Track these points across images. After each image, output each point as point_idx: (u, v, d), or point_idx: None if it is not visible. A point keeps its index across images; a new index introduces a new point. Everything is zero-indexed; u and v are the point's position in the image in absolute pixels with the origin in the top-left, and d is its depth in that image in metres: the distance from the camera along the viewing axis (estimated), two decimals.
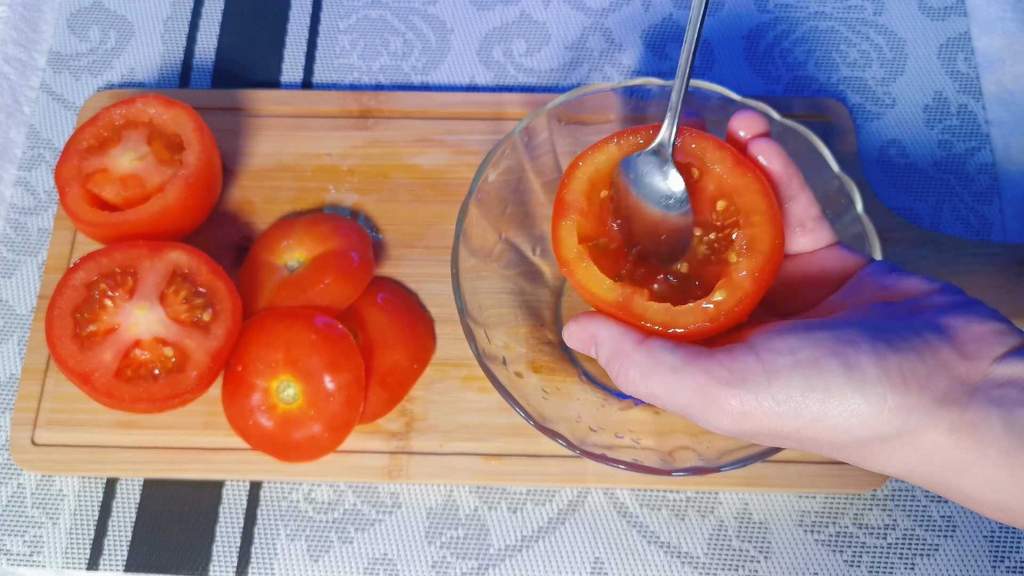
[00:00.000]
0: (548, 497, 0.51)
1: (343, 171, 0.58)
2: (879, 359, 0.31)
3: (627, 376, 0.34)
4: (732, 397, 0.31)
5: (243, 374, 0.49)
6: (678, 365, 0.33)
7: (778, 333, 0.32)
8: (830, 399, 0.31)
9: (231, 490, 0.51)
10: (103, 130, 0.54)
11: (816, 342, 0.31)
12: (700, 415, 0.32)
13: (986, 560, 0.49)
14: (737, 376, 0.31)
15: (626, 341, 0.35)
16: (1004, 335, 0.32)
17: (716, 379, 0.32)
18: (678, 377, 0.32)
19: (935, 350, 0.31)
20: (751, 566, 0.49)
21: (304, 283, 0.52)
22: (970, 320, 0.33)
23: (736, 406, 0.31)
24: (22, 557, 0.50)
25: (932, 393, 0.31)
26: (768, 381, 0.31)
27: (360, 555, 0.50)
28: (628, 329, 0.35)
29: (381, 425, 0.51)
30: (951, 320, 0.33)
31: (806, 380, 0.31)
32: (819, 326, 0.32)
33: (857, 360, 0.31)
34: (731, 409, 0.31)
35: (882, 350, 0.31)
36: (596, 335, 0.35)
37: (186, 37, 0.63)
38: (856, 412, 0.31)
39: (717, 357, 0.32)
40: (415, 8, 0.64)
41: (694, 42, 0.37)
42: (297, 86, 0.62)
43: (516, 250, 0.52)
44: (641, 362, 0.34)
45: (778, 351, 0.31)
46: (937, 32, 0.62)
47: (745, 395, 0.31)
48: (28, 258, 0.57)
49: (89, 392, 0.48)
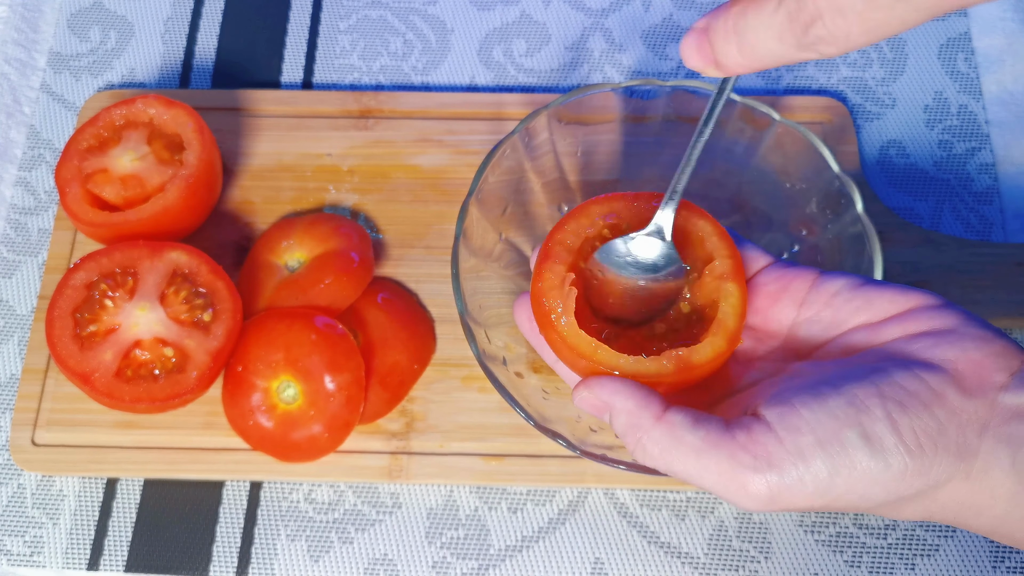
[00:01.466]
0: (548, 497, 0.51)
1: (343, 171, 0.58)
2: (893, 425, 0.31)
3: (645, 451, 0.33)
4: (760, 483, 0.31)
5: (243, 374, 0.49)
6: (700, 447, 0.32)
7: (791, 407, 0.32)
8: (854, 474, 0.31)
9: (231, 490, 0.51)
10: (103, 130, 0.54)
11: (832, 413, 0.31)
12: (726, 496, 0.32)
13: (986, 560, 0.49)
14: (762, 462, 0.31)
15: (644, 415, 0.33)
16: (1003, 357, 0.32)
17: (742, 465, 0.31)
18: (701, 461, 0.32)
19: (940, 397, 0.31)
20: (751, 566, 0.49)
21: (304, 283, 0.52)
22: (966, 349, 0.32)
23: (764, 491, 0.31)
24: (22, 557, 0.50)
25: (947, 449, 0.31)
26: (794, 465, 0.31)
27: (360, 555, 0.50)
28: (645, 398, 0.34)
29: (381, 425, 0.51)
30: (947, 353, 0.32)
31: (831, 460, 0.31)
32: (828, 391, 0.32)
33: (874, 429, 0.31)
34: (760, 494, 0.31)
35: (894, 413, 0.31)
36: (611, 404, 0.34)
37: (186, 37, 0.63)
38: (880, 482, 0.31)
39: (739, 439, 0.32)
40: (415, 8, 0.64)
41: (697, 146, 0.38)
42: (297, 86, 0.62)
43: (516, 250, 0.52)
44: (661, 440, 0.33)
45: (798, 430, 0.31)
46: (937, 32, 0.62)
47: (773, 480, 0.31)
48: (28, 258, 0.57)
49: (89, 392, 0.48)
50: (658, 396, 0.34)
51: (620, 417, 0.34)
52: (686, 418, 0.33)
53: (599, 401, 0.34)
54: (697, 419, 0.33)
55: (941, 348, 0.33)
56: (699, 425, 0.32)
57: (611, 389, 0.34)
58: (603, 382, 0.35)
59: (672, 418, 0.33)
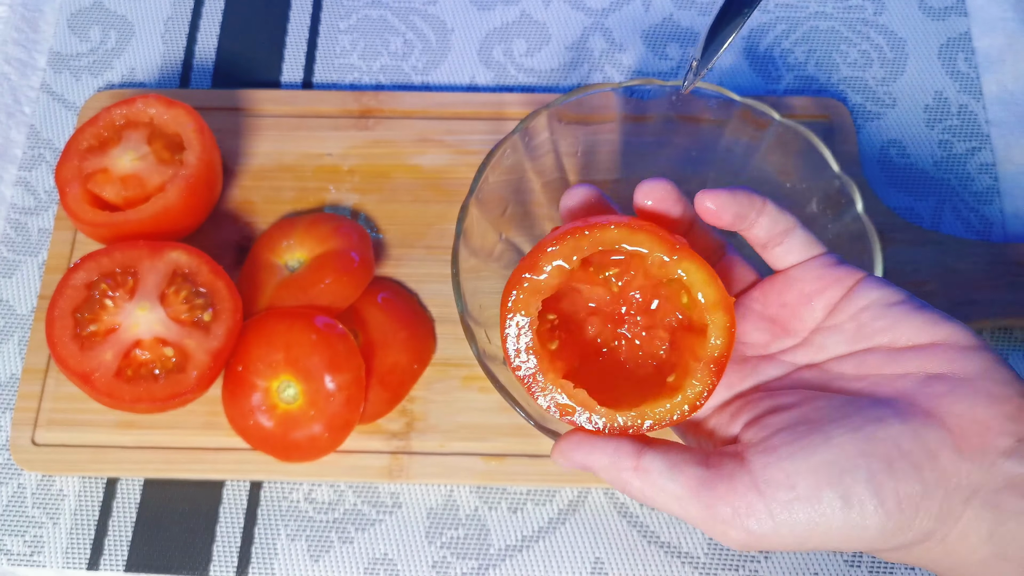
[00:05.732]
0: (548, 497, 0.51)
1: (343, 171, 0.58)
2: (876, 488, 0.31)
3: (632, 495, 0.34)
4: (739, 530, 0.32)
5: (243, 374, 0.49)
6: (680, 495, 0.33)
7: (776, 459, 0.32)
8: (831, 531, 0.31)
9: (231, 490, 0.51)
10: (103, 130, 0.54)
11: (815, 470, 0.31)
12: (711, 532, 0.33)
13: None
14: (741, 514, 0.32)
15: (621, 468, 0.34)
16: (1013, 420, 0.32)
17: (720, 518, 0.32)
18: (683, 506, 0.33)
19: (934, 458, 0.31)
20: (751, 566, 0.49)
21: (304, 283, 0.52)
22: (975, 406, 0.32)
23: (743, 538, 0.32)
24: (22, 557, 0.50)
25: (928, 513, 0.31)
26: (772, 519, 0.31)
27: (360, 555, 0.50)
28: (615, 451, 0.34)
29: (381, 425, 0.51)
30: (956, 407, 0.32)
31: (809, 517, 0.31)
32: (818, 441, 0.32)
33: (855, 491, 0.31)
34: (739, 539, 0.32)
35: (880, 475, 0.31)
36: (587, 465, 0.35)
37: (186, 37, 0.63)
38: (855, 538, 0.31)
39: (719, 490, 0.32)
40: (415, 8, 0.64)
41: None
42: (297, 86, 0.62)
43: (516, 250, 0.52)
44: (643, 490, 0.34)
45: (779, 485, 0.32)
46: (937, 32, 0.62)
47: (752, 528, 0.32)
48: (28, 258, 0.57)
49: (89, 392, 0.48)
50: (630, 444, 0.34)
51: (601, 473, 0.35)
52: (663, 464, 0.33)
53: (577, 465, 0.35)
54: (673, 464, 0.33)
55: (950, 400, 0.32)
56: (676, 471, 0.33)
57: (583, 452, 0.35)
58: (573, 446, 0.35)
59: (648, 466, 0.34)
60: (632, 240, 0.35)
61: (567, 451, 0.35)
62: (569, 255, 0.35)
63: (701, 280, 0.35)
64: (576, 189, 0.40)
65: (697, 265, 0.35)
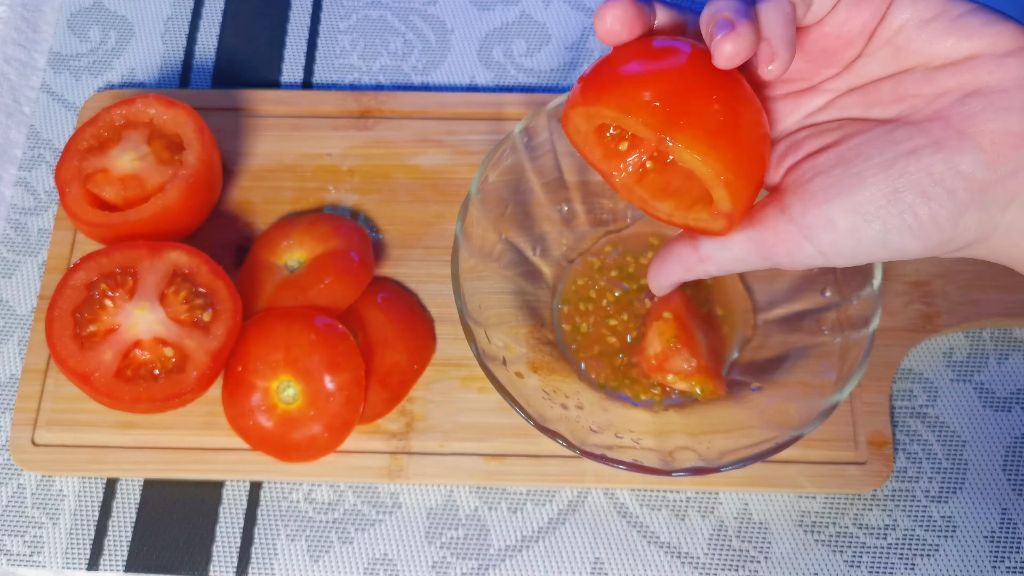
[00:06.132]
0: (548, 497, 0.51)
1: (343, 171, 0.58)
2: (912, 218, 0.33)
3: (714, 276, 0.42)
4: (800, 266, 0.36)
5: (243, 374, 0.49)
6: (742, 257, 0.37)
7: (815, 204, 0.34)
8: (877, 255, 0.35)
9: (231, 490, 0.51)
10: (103, 130, 0.54)
11: (852, 211, 0.34)
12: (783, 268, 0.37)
13: (986, 560, 0.49)
14: (795, 256, 0.35)
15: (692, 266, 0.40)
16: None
17: (780, 262, 0.36)
18: (750, 265, 0.38)
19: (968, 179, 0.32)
20: (751, 566, 0.49)
21: (304, 283, 0.52)
22: (1008, 120, 0.32)
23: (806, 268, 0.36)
24: (22, 557, 0.50)
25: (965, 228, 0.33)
26: (822, 255, 0.35)
27: (360, 555, 0.50)
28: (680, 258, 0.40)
29: (381, 425, 0.51)
30: (989, 124, 0.32)
31: (853, 250, 0.34)
32: (853, 183, 0.34)
33: (891, 224, 0.33)
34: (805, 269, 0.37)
35: (913, 206, 0.33)
36: (672, 280, 0.41)
37: (186, 37, 0.63)
38: (903, 255, 0.34)
39: (769, 241, 0.36)
40: (415, 8, 0.64)
41: None
42: (297, 86, 0.62)
43: (516, 250, 0.52)
44: (718, 269, 0.39)
45: (820, 227, 0.34)
46: None
47: (808, 263, 0.36)
48: (28, 258, 0.57)
49: (89, 392, 0.48)
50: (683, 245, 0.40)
51: (684, 276, 0.41)
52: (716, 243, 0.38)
53: (666, 284, 0.42)
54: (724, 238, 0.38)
55: (984, 117, 0.33)
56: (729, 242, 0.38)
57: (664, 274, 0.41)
58: (654, 276, 0.42)
59: (707, 252, 0.39)
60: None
61: (655, 283, 0.42)
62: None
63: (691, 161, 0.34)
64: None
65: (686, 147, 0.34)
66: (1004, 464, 0.51)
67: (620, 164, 0.39)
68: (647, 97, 0.34)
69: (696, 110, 0.34)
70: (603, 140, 0.39)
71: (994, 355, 0.53)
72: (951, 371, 0.53)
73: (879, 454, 0.50)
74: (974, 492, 0.50)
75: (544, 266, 0.53)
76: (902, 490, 0.51)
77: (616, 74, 0.35)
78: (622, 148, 0.39)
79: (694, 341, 0.48)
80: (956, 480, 0.51)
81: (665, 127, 0.34)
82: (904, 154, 0.33)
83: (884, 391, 0.51)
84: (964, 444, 0.51)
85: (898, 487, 0.51)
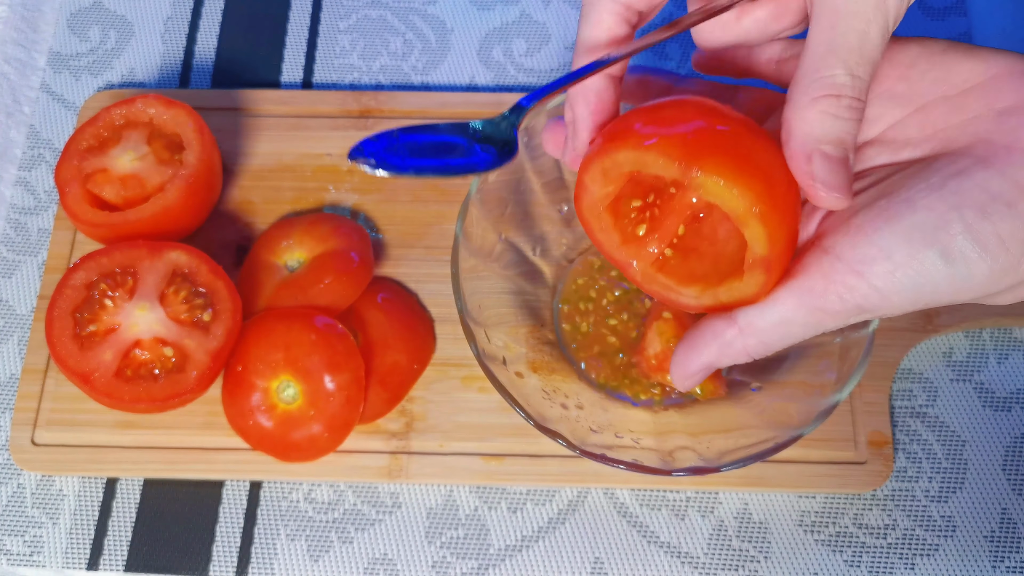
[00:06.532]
0: (548, 497, 0.51)
1: (343, 171, 0.58)
2: (975, 236, 0.30)
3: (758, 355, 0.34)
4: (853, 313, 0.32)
5: (243, 374, 0.49)
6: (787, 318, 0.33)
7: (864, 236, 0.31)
8: (938, 288, 0.31)
9: (231, 490, 0.51)
10: (103, 130, 0.54)
11: (907, 236, 0.31)
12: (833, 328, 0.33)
13: (986, 560, 0.49)
14: (847, 299, 0.32)
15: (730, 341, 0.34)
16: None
17: (833, 311, 0.32)
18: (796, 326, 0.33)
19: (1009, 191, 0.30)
20: (751, 566, 0.49)
21: (304, 283, 0.52)
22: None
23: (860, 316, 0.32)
24: (22, 557, 0.50)
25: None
26: (877, 292, 0.31)
27: (360, 555, 0.50)
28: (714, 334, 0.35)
29: (381, 425, 0.51)
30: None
31: (912, 281, 0.31)
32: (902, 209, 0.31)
33: (953, 245, 0.30)
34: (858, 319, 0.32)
35: (975, 223, 0.30)
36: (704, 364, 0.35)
37: (186, 37, 0.63)
38: (965, 289, 0.31)
39: (817, 289, 0.32)
40: (415, 8, 0.64)
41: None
42: (297, 86, 0.62)
43: (516, 250, 0.52)
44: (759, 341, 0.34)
45: (874, 259, 0.31)
46: (937, 32, 0.62)
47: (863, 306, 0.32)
48: (28, 258, 0.57)
49: (89, 392, 0.48)
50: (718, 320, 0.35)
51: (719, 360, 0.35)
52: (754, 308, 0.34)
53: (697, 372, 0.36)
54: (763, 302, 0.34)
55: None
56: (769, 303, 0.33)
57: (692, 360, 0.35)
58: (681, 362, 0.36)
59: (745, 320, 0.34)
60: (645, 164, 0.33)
61: (681, 371, 0.36)
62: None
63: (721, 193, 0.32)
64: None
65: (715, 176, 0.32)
66: (1004, 464, 0.51)
67: (639, 250, 0.36)
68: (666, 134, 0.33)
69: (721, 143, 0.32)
70: (620, 223, 0.36)
71: (994, 355, 0.53)
72: (951, 371, 0.53)
73: (879, 454, 0.50)
74: (974, 492, 0.50)
75: (544, 266, 0.53)
76: (902, 490, 0.51)
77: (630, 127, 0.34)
78: (640, 233, 0.36)
79: None
80: (956, 480, 0.51)
81: (690, 158, 0.32)
82: (953, 175, 0.31)
83: (884, 391, 0.51)
84: (964, 444, 0.51)
85: (898, 487, 0.51)
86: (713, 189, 0.32)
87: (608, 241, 0.37)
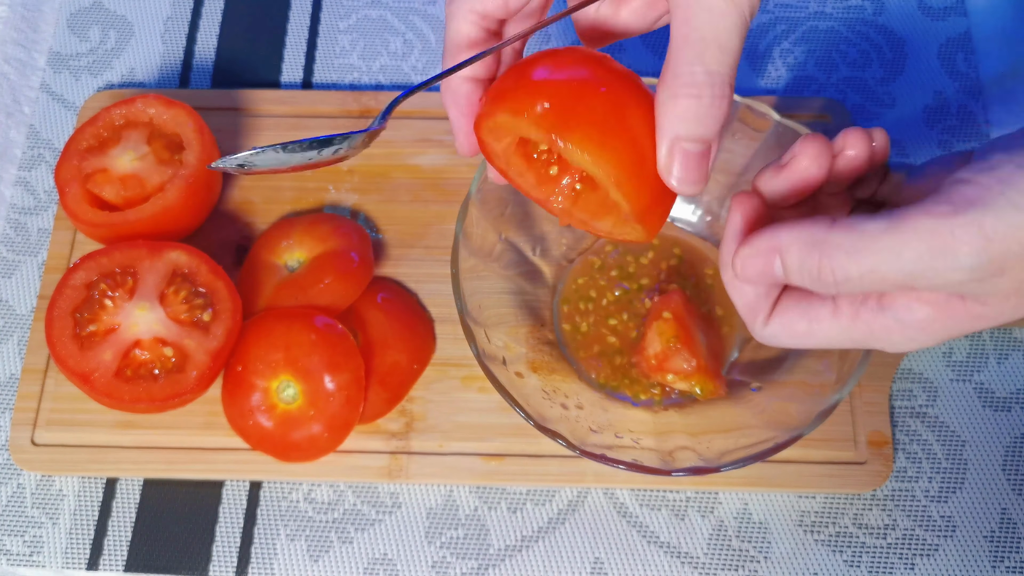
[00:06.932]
0: (548, 497, 0.51)
1: (343, 171, 0.58)
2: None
3: (832, 262, 0.30)
4: (968, 224, 0.27)
5: (243, 374, 0.49)
6: (887, 224, 0.29)
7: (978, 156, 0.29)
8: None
9: (231, 490, 0.51)
10: (103, 130, 0.54)
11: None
12: (934, 265, 0.28)
13: (986, 560, 0.49)
14: (962, 203, 0.27)
15: (817, 229, 0.30)
16: None
17: (940, 215, 0.28)
18: (894, 234, 0.28)
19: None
20: (751, 566, 0.49)
21: (304, 283, 0.52)
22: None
23: (975, 232, 0.27)
24: (22, 557, 0.50)
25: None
26: (1001, 191, 0.27)
27: (360, 555, 0.50)
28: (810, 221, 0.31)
29: (381, 425, 0.51)
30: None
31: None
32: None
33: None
34: (971, 239, 0.27)
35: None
36: (778, 243, 0.31)
37: (186, 37, 0.63)
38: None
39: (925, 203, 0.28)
40: (415, 8, 0.64)
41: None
42: (297, 86, 0.62)
43: (516, 250, 0.52)
44: (844, 241, 0.29)
45: (994, 164, 0.28)
46: (937, 32, 0.62)
47: (982, 217, 0.27)
48: (28, 258, 0.57)
49: (89, 392, 0.48)
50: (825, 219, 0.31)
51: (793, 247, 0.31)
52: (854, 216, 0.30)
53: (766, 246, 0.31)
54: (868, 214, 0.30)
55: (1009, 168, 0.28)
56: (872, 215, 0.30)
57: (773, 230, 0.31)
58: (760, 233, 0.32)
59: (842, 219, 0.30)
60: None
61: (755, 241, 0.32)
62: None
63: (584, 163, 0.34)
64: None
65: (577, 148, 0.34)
66: (1004, 464, 0.51)
67: (554, 187, 0.38)
68: (540, 100, 0.34)
69: (588, 110, 0.34)
70: (532, 165, 0.38)
71: (994, 355, 0.53)
72: (951, 371, 0.53)
73: (879, 454, 0.50)
74: (974, 492, 0.50)
75: (544, 266, 0.53)
76: (902, 490, 0.51)
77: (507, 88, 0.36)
78: (552, 172, 0.38)
79: (694, 341, 0.48)
80: (956, 480, 0.51)
81: (556, 130, 0.34)
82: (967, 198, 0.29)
83: (884, 391, 0.51)
84: (964, 444, 0.51)
85: (898, 487, 0.51)
86: (578, 159, 0.34)
87: (525, 183, 0.39)
